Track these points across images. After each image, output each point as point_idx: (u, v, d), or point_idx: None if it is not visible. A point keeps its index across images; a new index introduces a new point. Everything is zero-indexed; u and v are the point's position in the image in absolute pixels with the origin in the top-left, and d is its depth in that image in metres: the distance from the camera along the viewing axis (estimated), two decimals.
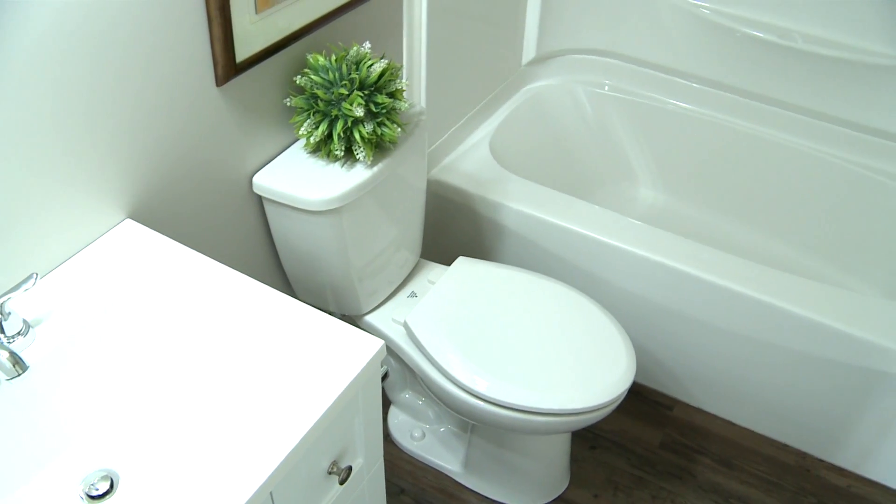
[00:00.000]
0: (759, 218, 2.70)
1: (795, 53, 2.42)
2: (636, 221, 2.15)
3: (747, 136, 2.61)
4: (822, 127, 2.51)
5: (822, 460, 2.20)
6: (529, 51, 2.67)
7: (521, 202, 2.18)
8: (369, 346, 1.09)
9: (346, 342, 1.10)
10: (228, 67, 1.41)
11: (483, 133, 2.45)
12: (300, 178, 1.57)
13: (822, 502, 2.10)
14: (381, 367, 1.98)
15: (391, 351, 1.93)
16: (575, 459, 2.15)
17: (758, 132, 2.59)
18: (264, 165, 1.62)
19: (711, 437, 2.24)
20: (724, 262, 2.05)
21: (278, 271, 1.82)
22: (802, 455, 2.21)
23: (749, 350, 2.09)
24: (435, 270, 2.00)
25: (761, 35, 2.42)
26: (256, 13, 1.43)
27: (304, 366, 1.07)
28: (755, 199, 2.68)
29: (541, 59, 2.72)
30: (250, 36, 1.44)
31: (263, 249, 1.74)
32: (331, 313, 1.92)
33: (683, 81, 2.66)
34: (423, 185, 1.86)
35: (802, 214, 2.62)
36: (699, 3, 2.49)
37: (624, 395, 1.71)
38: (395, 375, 2.06)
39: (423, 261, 2.03)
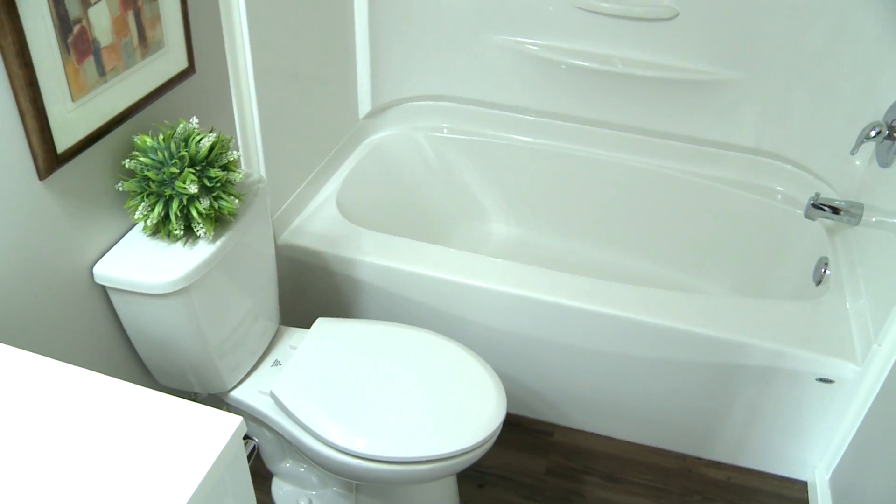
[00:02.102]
0: (609, 236, 2.80)
1: (618, 77, 2.54)
2: (490, 258, 2.19)
3: (586, 160, 2.70)
4: (653, 142, 2.64)
5: (700, 458, 2.28)
6: (365, 104, 2.69)
7: (373, 255, 2.19)
8: (227, 425, 1.06)
9: (202, 425, 1.07)
10: (49, 160, 1.37)
11: (329, 191, 2.45)
12: (142, 262, 1.53)
13: (707, 499, 2.17)
14: (249, 441, 1.93)
15: (262, 423, 1.89)
16: (465, 500, 2.15)
17: (595, 155, 2.70)
18: (104, 254, 1.57)
19: (595, 455, 2.28)
20: (580, 285, 2.11)
21: (135, 360, 1.76)
22: (682, 457, 2.28)
23: (616, 365, 2.15)
24: (296, 335, 1.98)
25: (585, 64, 2.53)
26: (73, 101, 1.39)
27: (160, 457, 1.03)
28: (602, 218, 2.78)
29: (377, 111, 2.75)
30: (70, 124, 1.40)
31: (116, 340, 1.68)
32: (195, 395, 1.87)
33: (518, 115, 2.74)
34: (272, 252, 1.84)
35: (648, 227, 2.73)
36: (524, 40, 2.58)
37: (499, 430, 1.73)
38: (272, 446, 2.01)
39: (284, 327, 2.01)
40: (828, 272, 2.22)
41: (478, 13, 2.57)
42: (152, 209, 1.51)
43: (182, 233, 1.55)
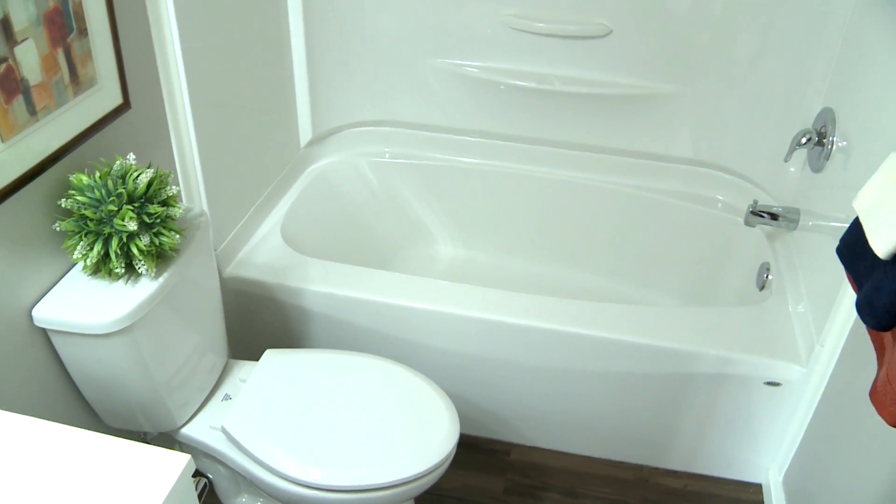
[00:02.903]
0: (555, 253, 2.82)
1: (555, 95, 2.57)
2: (437, 280, 2.19)
3: (528, 178, 2.73)
4: (594, 158, 2.67)
5: (656, 468, 2.30)
6: (306, 132, 2.68)
7: (320, 283, 2.18)
8: (175, 464, 1.04)
9: (149, 465, 1.05)
10: None
11: (273, 221, 2.44)
12: (83, 302, 1.51)
13: None
14: (200, 479, 1.90)
15: (216, 459, 1.86)
16: None
17: (537, 172, 2.72)
18: (43, 296, 1.54)
19: (552, 471, 2.29)
20: (529, 303, 2.12)
21: (81, 403, 1.72)
22: (639, 468, 2.30)
23: (569, 381, 2.16)
24: (245, 368, 1.95)
25: (523, 83, 2.55)
26: (3, 141, 1.37)
27: (107, 502, 1.01)
28: (547, 235, 2.80)
29: (319, 139, 2.75)
30: (2, 165, 1.37)
31: (60, 383, 1.64)
32: (145, 434, 1.84)
33: (459, 137, 2.76)
34: (217, 285, 1.82)
35: (593, 242, 2.76)
36: (462, 62, 2.60)
37: (453, 452, 1.72)
38: (226, 482, 1.98)
39: (233, 361, 1.98)
40: (770, 277, 2.26)
41: (414, 37, 2.59)
42: (91, 248, 1.49)
43: (123, 271, 1.52)
